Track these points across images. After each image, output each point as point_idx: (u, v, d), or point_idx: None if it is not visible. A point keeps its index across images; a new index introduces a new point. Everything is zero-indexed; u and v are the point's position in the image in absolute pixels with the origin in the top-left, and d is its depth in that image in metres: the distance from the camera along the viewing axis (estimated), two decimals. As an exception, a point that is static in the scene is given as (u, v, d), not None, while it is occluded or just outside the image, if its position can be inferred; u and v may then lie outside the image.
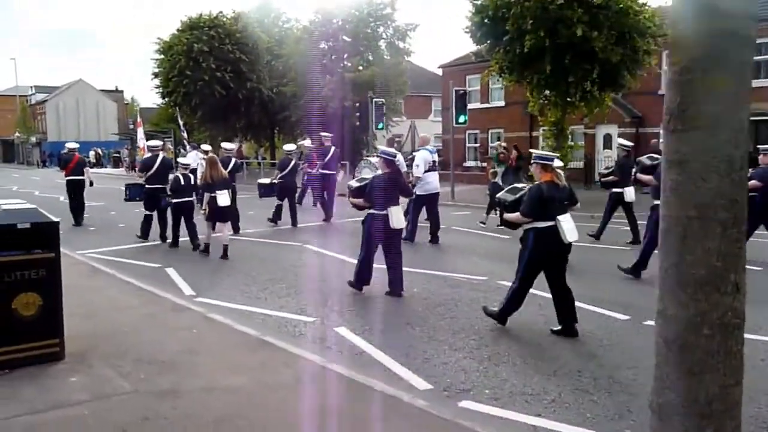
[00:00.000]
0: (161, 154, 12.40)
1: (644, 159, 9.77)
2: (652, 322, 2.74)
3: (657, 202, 8.47)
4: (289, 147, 15.31)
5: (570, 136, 20.13)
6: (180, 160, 12.58)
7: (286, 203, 14.24)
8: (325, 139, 15.63)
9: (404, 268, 7.93)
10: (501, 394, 4.72)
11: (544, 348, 5.81)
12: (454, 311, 7.09)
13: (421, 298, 7.67)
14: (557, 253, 6.07)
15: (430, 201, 11.80)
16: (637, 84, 19.12)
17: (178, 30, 34.50)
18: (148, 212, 12.19)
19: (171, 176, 11.79)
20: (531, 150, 6.76)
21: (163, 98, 36.19)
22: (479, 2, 18.97)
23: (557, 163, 8.13)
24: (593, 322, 6.55)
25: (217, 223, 10.55)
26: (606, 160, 25.28)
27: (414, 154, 12.68)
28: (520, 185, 6.85)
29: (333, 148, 15.19)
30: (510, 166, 19.58)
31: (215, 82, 33.21)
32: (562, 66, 17.82)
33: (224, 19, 34.82)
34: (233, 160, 13.33)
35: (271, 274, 9.18)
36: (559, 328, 6.10)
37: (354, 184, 8.27)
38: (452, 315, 6.95)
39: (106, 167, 53.11)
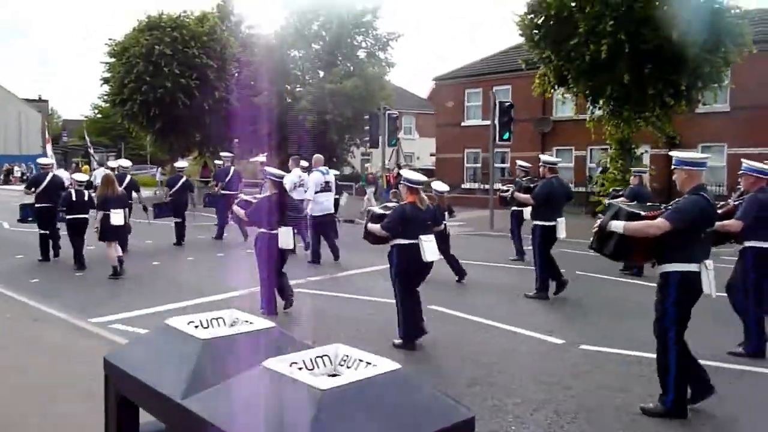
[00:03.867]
0: (51, 172, 12.24)
1: (522, 180, 10.48)
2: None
3: (537, 222, 8.83)
4: (181, 164, 15.40)
5: (641, 157, 17.54)
6: (74, 176, 12.27)
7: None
8: (225, 159, 15.78)
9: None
10: None
11: None
12: None
13: None
14: (418, 268, 6.42)
15: (323, 221, 11.85)
16: (716, 99, 16.79)
17: (134, 29, 30.08)
18: (42, 231, 11.83)
19: (64, 193, 11.49)
20: (401, 172, 7.03)
21: (114, 107, 31.45)
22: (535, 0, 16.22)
23: (441, 187, 9.66)
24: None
25: (109, 242, 10.22)
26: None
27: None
28: (391, 204, 7.29)
29: (233, 168, 15.33)
30: (389, 183, 20.67)
31: (178, 89, 28.99)
32: (640, 75, 15.23)
33: (188, 20, 30.67)
34: (128, 176, 13.27)
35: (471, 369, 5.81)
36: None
37: (247, 198, 8.63)
38: None
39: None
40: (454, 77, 29.37)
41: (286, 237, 7.62)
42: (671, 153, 5.11)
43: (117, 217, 10.17)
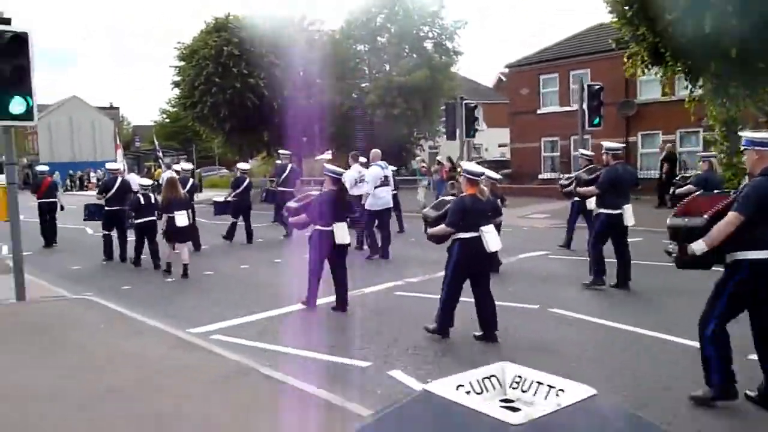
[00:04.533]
0: (120, 177, 12.65)
1: (582, 173, 9.75)
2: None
3: (603, 210, 8.59)
4: (244, 166, 15.55)
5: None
6: (140, 180, 12.71)
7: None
8: (284, 156, 16.23)
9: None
10: None
11: None
12: None
13: None
14: (481, 261, 6.47)
15: (381, 216, 11.80)
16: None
17: (202, 31, 30.24)
18: (106, 232, 12.44)
19: (132, 198, 11.88)
20: (462, 163, 7.14)
21: (185, 110, 31.71)
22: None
23: (494, 174, 9.43)
24: None
25: (177, 244, 10.46)
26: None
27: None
28: (447, 198, 7.11)
29: (290, 166, 15.57)
30: (442, 178, 20.37)
31: (247, 89, 28.95)
32: (749, 48, 13.89)
33: (254, 20, 30.55)
34: (191, 180, 13.79)
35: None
36: (481, 333, 6.41)
37: (293, 204, 8.48)
38: None
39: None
40: (527, 63, 28.19)
41: (341, 232, 7.67)
42: (740, 133, 4.97)
43: (181, 219, 10.29)
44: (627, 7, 15.37)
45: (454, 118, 20.22)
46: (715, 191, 7.72)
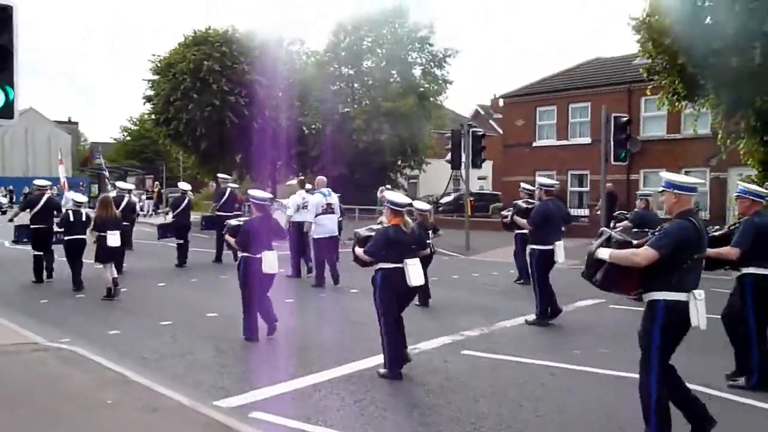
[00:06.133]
0: (47, 194, 12.03)
1: (520, 202, 10.20)
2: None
3: (534, 246, 8.65)
4: (184, 186, 15.18)
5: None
6: (73, 197, 12.13)
7: None
8: (222, 181, 15.97)
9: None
10: None
11: None
12: None
13: None
14: (402, 293, 6.21)
15: (327, 244, 11.63)
16: None
17: (180, 45, 28.38)
18: (36, 252, 11.71)
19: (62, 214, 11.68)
20: (384, 194, 6.92)
21: (157, 126, 29.61)
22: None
23: (423, 206, 9.64)
24: None
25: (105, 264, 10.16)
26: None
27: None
28: (376, 226, 6.96)
29: (229, 190, 15.33)
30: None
31: (227, 107, 27.14)
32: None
33: (237, 35, 28.89)
34: (125, 198, 13.30)
35: None
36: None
37: (233, 222, 8.26)
38: None
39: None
40: (524, 94, 27.19)
41: (270, 261, 7.43)
42: (661, 174, 4.92)
43: (113, 239, 10.10)
44: (663, 36, 14.31)
45: (460, 147, 18.87)
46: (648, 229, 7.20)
